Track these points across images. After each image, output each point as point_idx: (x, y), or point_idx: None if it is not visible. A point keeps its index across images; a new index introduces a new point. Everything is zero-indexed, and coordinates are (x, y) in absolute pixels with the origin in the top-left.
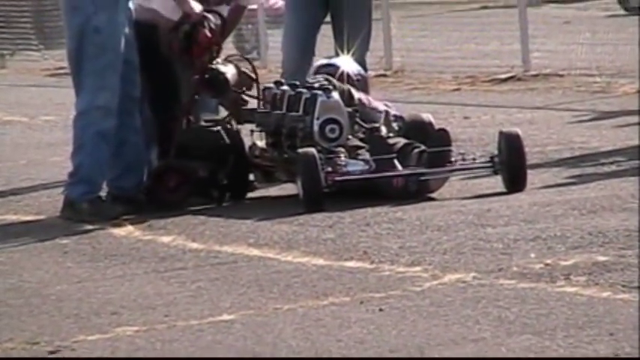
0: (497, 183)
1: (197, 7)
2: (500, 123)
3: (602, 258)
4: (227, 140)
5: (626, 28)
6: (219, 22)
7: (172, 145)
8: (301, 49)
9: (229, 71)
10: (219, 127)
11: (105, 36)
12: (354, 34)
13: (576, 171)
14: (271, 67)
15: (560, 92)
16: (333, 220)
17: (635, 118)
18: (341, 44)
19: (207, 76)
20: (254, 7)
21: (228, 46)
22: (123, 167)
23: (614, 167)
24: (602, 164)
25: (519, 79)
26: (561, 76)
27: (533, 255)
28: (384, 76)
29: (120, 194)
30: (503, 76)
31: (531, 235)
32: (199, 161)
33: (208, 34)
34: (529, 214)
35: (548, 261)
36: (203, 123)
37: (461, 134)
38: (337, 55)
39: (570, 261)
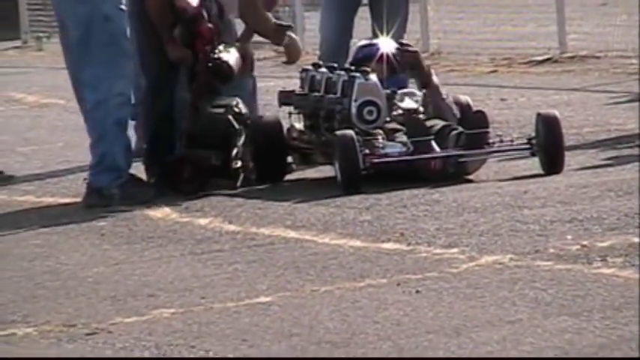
0: (534, 165)
1: (193, 1)
2: (536, 105)
3: (638, 239)
4: (236, 126)
5: None
6: (215, 9)
7: (182, 134)
8: (339, 31)
9: (232, 57)
10: (227, 113)
11: (116, 24)
12: (391, 16)
13: (613, 153)
14: (308, 49)
15: (596, 74)
16: (370, 202)
17: None
18: (379, 26)
19: (210, 64)
20: None
21: None
22: None
23: None
24: (639, 146)
25: (556, 61)
26: (598, 57)
27: (569, 237)
28: None
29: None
30: (539, 58)
31: (568, 216)
32: (211, 149)
33: (210, 26)
34: (565, 196)
35: (585, 242)
36: (211, 109)
37: (497, 116)
38: (375, 36)
39: (607, 242)
